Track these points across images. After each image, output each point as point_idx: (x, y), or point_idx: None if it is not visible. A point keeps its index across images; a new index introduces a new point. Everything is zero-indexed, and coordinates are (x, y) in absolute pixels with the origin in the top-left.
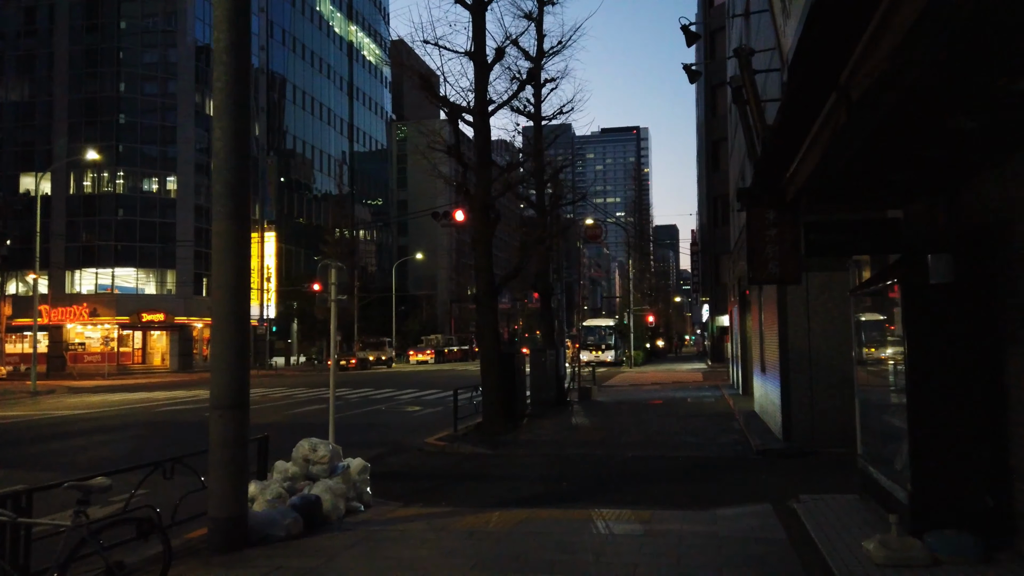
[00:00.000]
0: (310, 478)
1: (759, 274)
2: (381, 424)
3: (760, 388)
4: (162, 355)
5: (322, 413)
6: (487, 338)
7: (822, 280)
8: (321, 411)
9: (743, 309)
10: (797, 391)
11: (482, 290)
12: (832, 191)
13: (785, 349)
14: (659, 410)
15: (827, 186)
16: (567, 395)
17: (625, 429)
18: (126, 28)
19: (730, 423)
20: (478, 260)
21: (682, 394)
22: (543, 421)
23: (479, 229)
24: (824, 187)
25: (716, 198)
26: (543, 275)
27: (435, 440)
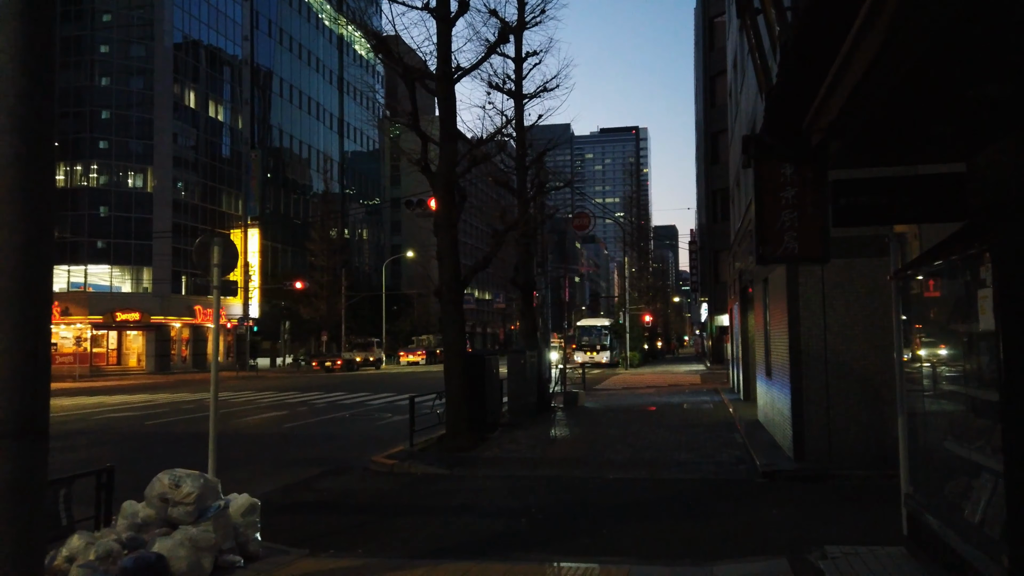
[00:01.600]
0: (169, 523)
1: (771, 250)
2: (337, 435)
3: (765, 395)
4: (138, 356)
5: (279, 422)
6: (451, 337)
7: (841, 268)
8: (279, 419)
9: (744, 307)
10: (811, 401)
11: (445, 282)
12: (876, 133)
13: (796, 351)
14: (652, 418)
15: (870, 124)
16: (552, 401)
17: (611, 443)
18: (101, 17)
19: (731, 435)
20: (441, 248)
21: (678, 399)
22: (518, 433)
23: (442, 212)
24: (865, 126)
25: (715, 192)
26: (525, 268)
27: (384, 458)
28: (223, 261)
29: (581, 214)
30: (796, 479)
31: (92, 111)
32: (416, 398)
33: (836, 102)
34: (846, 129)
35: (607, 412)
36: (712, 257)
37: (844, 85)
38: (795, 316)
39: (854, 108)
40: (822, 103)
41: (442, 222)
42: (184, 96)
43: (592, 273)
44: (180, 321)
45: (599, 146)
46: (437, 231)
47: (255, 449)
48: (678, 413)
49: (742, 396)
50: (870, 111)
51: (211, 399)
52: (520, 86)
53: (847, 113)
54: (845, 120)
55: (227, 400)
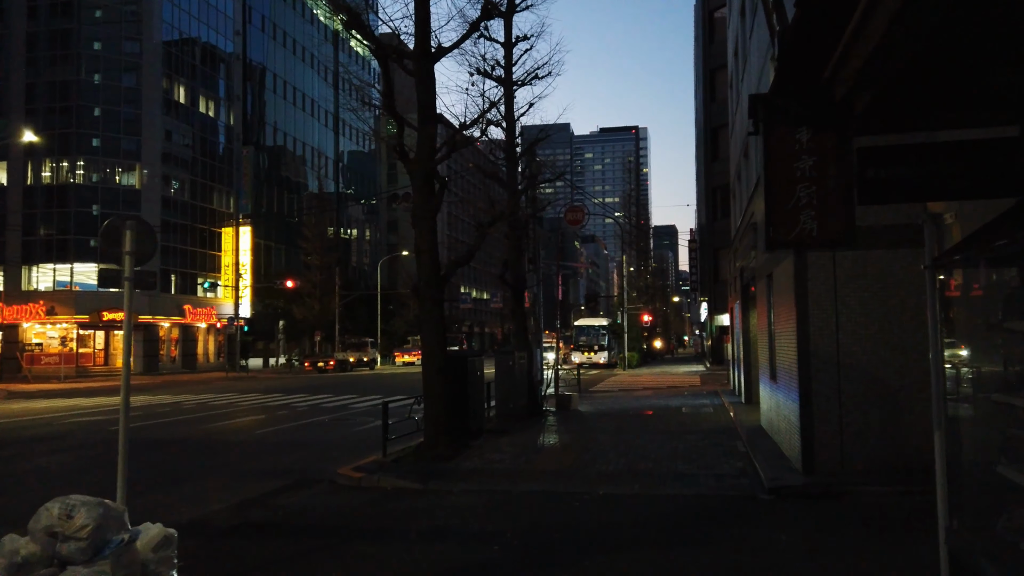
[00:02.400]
0: (59, 562)
1: (784, 233)
2: (310, 442)
3: (769, 399)
4: None
5: (253, 426)
6: (429, 338)
7: (854, 261)
8: (254, 424)
9: (746, 306)
10: (821, 408)
11: (423, 278)
12: (916, 83)
13: (805, 352)
14: (648, 423)
15: (910, 70)
16: (543, 405)
17: (603, 451)
18: (89, 11)
19: (732, 442)
20: (419, 241)
21: (677, 402)
22: (504, 440)
23: (420, 202)
24: (903, 73)
25: (715, 189)
26: (515, 264)
27: (352, 470)
28: (137, 248)
29: (575, 208)
30: (806, 496)
31: (79, 106)
32: (402, 401)
33: (870, 37)
34: (878, 77)
35: (601, 417)
36: (712, 256)
37: (882, 10)
38: (803, 314)
39: (893, 45)
40: (852, 40)
41: (420, 213)
42: (174, 91)
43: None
44: (169, 321)
45: (599, 146)
46: (415, 223)
47: (219, 458)
48: (676, 418)
49: (743, 399)
50: (912, 48)
51: (121, 411)
52: (510, 72)
53: (883, 53)
54: (879, 64)
55: (207, 403)
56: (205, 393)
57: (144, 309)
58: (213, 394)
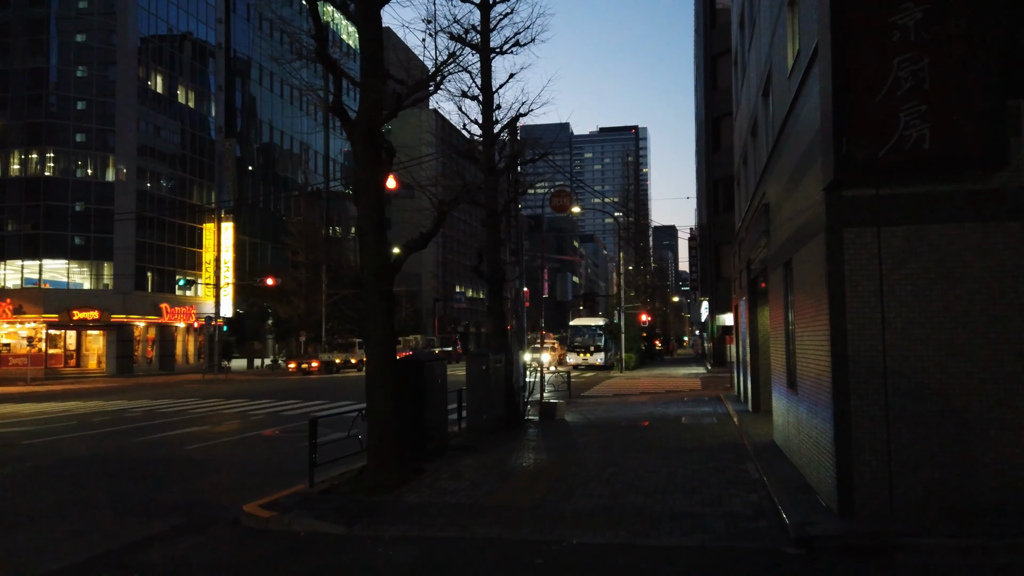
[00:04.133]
0: None
1: (868, 144)
2: (241, 462)
3: (786, 413)
4: (98, 357)
5: (186, 441)
6: (375, 339)
7: (906, 238)
8: (191, 436)
9: (754, 302)
10: (862, 429)
11: (369, 265)
12: None
13: (841, 357)
14: (642, 438)
15: None
16: (526, 414)
17: (584, 478)
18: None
19: (742, 465)
20: (362, 220)
21: (676, 410)
22: (468, 461)
23: (362, 174)
24: None
25: (717, 182)
26: (491, 254)
27: (261, 507)
28: None
29: (560, 192)
30: (848, 552)
31: (49, 95)
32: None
33: None
34: None
35: (589, 429)
36: (714, 252)
37: None
38: (839, 308)
39: None
40: None
41: (362, 185)
42: (151, 81)
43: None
44: (144, 320)
45: (598, 145)
46: (356, 197)
47: (115, 484)
48: (675, 430)
49: (750, 407)
50: None
51: None
52: (487, 39)
53: None
54: None
55: (157, 410)
56: (167, 398)
57: (118, 308)
58: (174, 399)
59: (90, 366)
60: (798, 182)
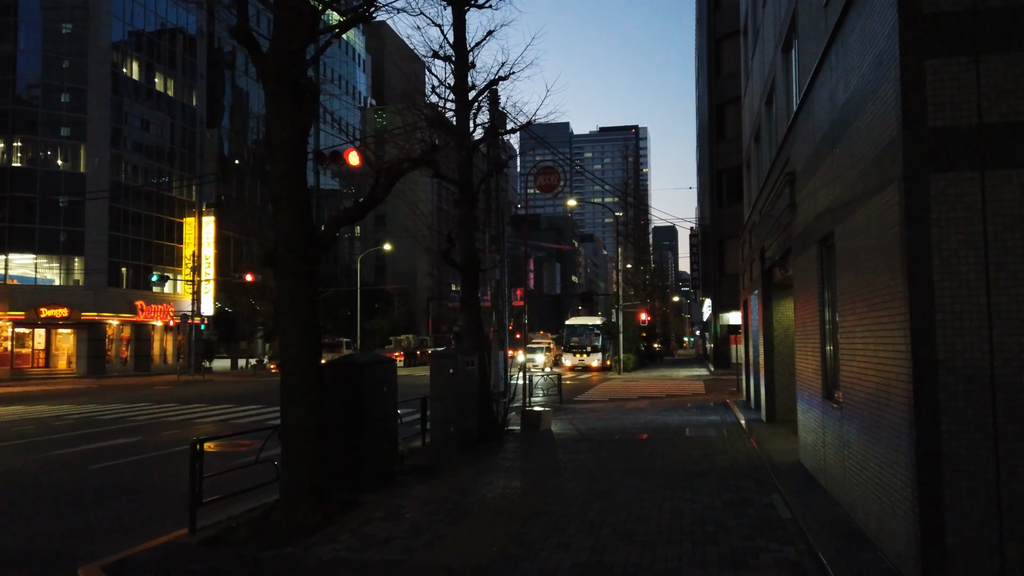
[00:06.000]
0: None
1: None
2: (149, 487)
3: (821, 430)
4: (69, 357)
5: (94, 457)
6: (290, 333)
7: None
8: (104, 452)
9: (768, 296)
10: (960, 465)
11: (285, 240)
12: None
13: (927, 361)
14: (640, 457)
15: None
16: (506, 424)
17: (562, 517)
18: None
19: (766, 497)
20: (277, 183)
21: (678, 419)
22: (417, 491)
23: (275, 122)
24: None
25: (722, 172)
26: (464, 239)
27: (101, 571)
28: None
29: (546, 169)
30: None
31: (13, 79)
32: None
33: None
34: None
35: (577, 443)
36: (717, 248)
37: None
38: (922, 290)
39: None
40: None
41: (277, 136)
42: (126, 67)
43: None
44: (118, 318)
45: (598, 145)
46: (270, 152)
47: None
48: (679, 446)
49: (764, 416)
50: None
51: None
52: None
53: None
54: None
55: (96, 417)
56: (124, 402)
57: (89, 305)
58: (130, 404)
59: (60, 366)
60: (848, 124)
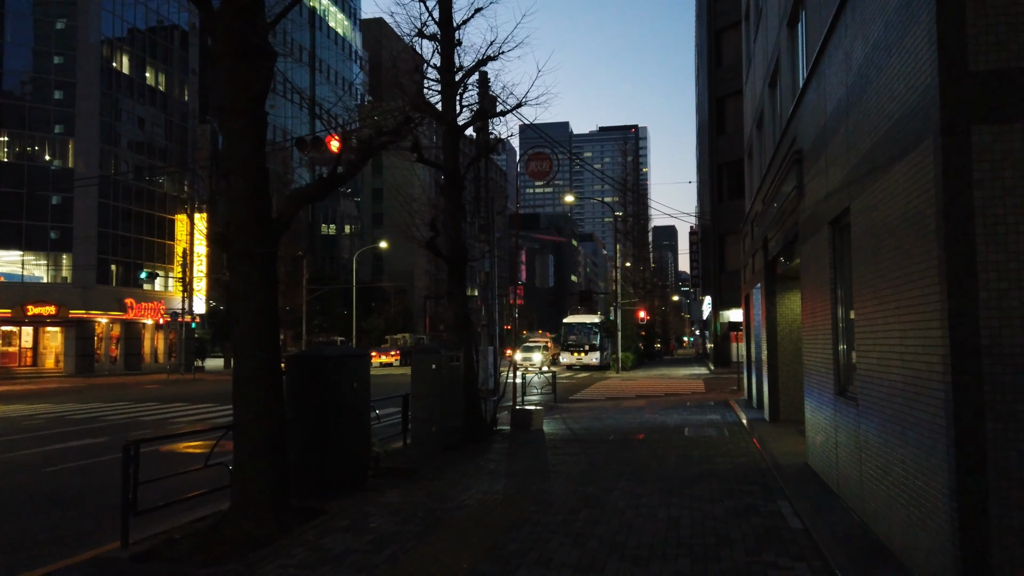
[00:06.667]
0: None
1: None
2: (102, 491)
3: (834, 429)
4: (57, 356)
5: (52, 460)
6: (244, 324)
7: None
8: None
9: (771, 289)
10: (1009, 471)
11: (236, 220)
12: None
13: (969, 348)
14: (635, 459)
15: None
16: (495, 424)
17: (546, 527)
18: None
19: (772, 505)
20: (230, 157)
21: (677, 418)
22: (389, 496)
23: (229, 87)
24: None
25: (722, 166)
26: (450, 228)
27: None
28: None
29: (538, 155)
30: None
31: (3, 75)
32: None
33: None
34: None
35: (568, 444)
36: (717, 244)
37: None
38: (961, 266)
39: None
40: None
41: (230, 102)
42: (116, 61)
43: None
44: (107, 316)
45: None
46: (221, 119)
47: None
48: (676, 446)
49: (767, 415)
50: None
51: None
52: None
53: None
54: None
55: (67, 417)
56: (104, 401)
57: (77, 303)
58: (109, 403)
59: (47, 365)
60: (867, 84)
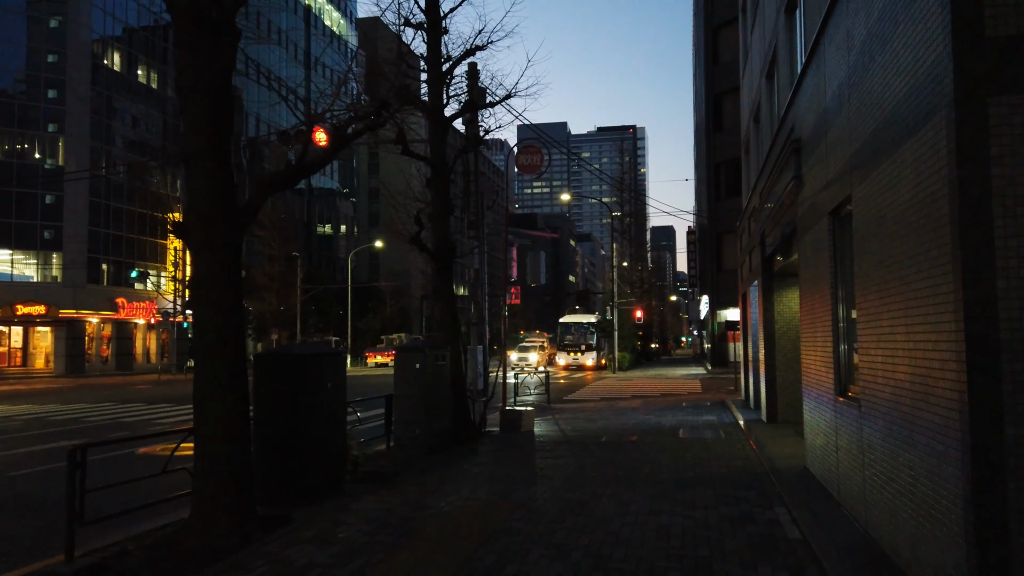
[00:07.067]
0: None
1: None
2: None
3: (835, 432)
4: (47, 356)
5: (37, 459)
6: (204, 320)
7: None
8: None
9: (769, 287)
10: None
11: (196, 207)
12: None
13: (986, 343)
14: (626, 462)
15: None
16: (483, 426)
17: (528, 536)
18: None
19: (769, 512)
20: (190, 138)
21: (672, 419)
22: (364, 502)
23: (188, 63)
24: None
25: (719, 165)
26: (437, 222)
27: None
28: None
29: (528, 148)
30: None
31: None
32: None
33: None
34: None
35: (559, 446)
36: (715, 243)
37: None
38: (977, 252)
39: None
40: None
41: (190, 81)
42: (107, 57)
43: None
44: (98, 316)
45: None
46: (182, 100)
47: None
48: (671, 449)
49: (764, 416)
50: None
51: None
52: None
53: None
54: None
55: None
56: (89, 402)
57: (67, 302)
58: (93, 404)
59: (37, 365)
60: (871, 61)
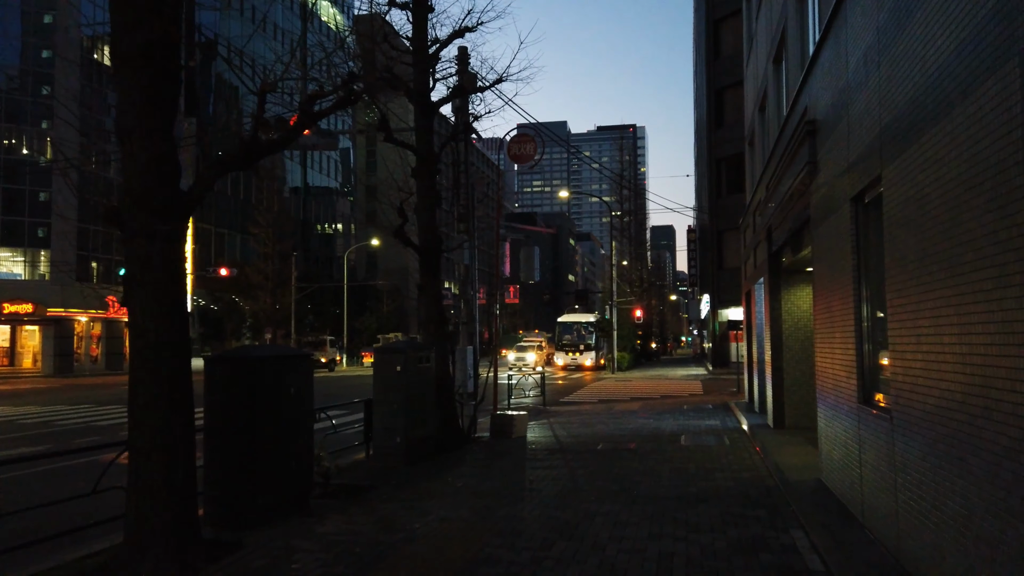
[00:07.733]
0: None
1: None
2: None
3: (856, 444)
4: (35, 355)
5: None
6: (140, 316)
7: None
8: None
9: (775, 284)
10: None
11: (133, 191)
12: None
13: None
14: (624, 474)
15: None
16: (473, 431)
17: (509, 566)
18: None
19: (784, 536)
20: (124, 112)
21: (673, 423)
22: (329, 523)
23: (123, 27)
24: None
25: (721, 161)
26: (423, 214)
27: None
28: None
29: (522, 137)
30: None
31: None
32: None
33: None
34: None
35: (550, 456)
36: (716, 241)
37: None
38: None
39: None
40: None
41: (127, 49)
42: (98, 53)
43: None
44: (87, 315)
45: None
46: (116, 69)
47: None
48: (673, 459)
49: (771, 421)
50: None
51: None
52: None
53: None
54: None
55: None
56: (68, 403)
57: (55, 300)
58: (72, 405)
59: (25, 365)
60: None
